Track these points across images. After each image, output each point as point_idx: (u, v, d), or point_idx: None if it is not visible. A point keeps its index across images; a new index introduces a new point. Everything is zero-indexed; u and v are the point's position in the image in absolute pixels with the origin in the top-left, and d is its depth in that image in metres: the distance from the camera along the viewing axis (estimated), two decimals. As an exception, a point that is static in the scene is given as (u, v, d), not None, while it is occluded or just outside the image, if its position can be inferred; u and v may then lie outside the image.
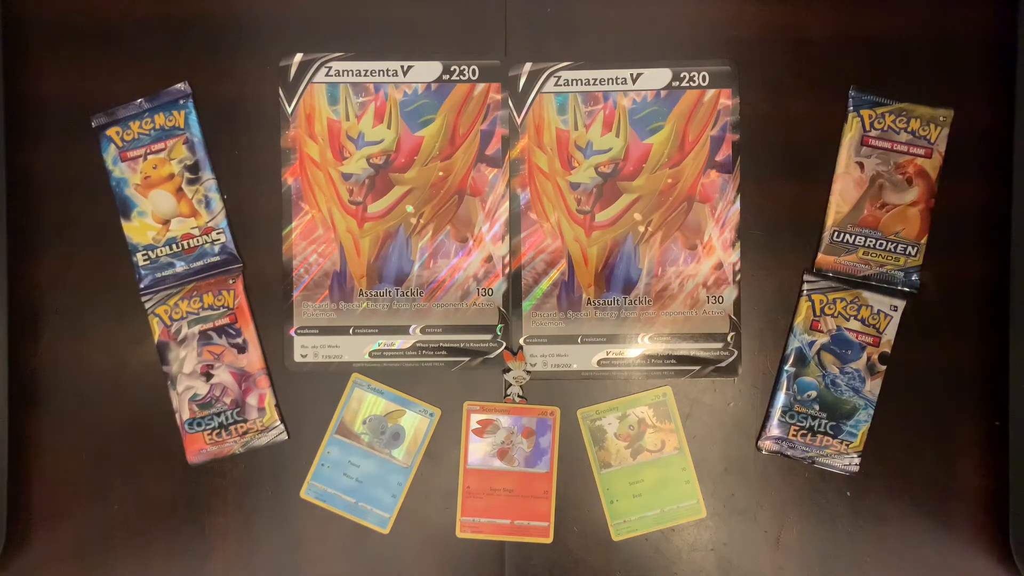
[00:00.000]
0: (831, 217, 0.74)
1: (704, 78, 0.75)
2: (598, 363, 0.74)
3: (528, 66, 0.75)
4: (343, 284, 0.75)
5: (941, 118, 0.73)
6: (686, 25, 0.76)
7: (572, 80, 0.75)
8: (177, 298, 0.74)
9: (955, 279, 0.74)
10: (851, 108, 0.74)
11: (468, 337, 0.75)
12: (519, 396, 0.73)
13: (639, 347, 0.74)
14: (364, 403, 0.74)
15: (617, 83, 0.75)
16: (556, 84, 0.75)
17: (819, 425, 0.73)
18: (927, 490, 0.74)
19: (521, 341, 0.74)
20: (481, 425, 0.74)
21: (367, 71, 0.75)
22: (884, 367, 0.73)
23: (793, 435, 0.73)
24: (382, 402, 0.74)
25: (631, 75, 0.75)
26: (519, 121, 0.75)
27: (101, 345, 0.74)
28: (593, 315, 0.75)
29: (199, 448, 0.73)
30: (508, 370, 0.74)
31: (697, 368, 0.74)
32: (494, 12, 0.75)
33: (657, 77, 0.75)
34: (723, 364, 0.74)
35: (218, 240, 0.74)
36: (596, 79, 0.75)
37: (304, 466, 0.74)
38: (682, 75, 0.75)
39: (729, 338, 0.74)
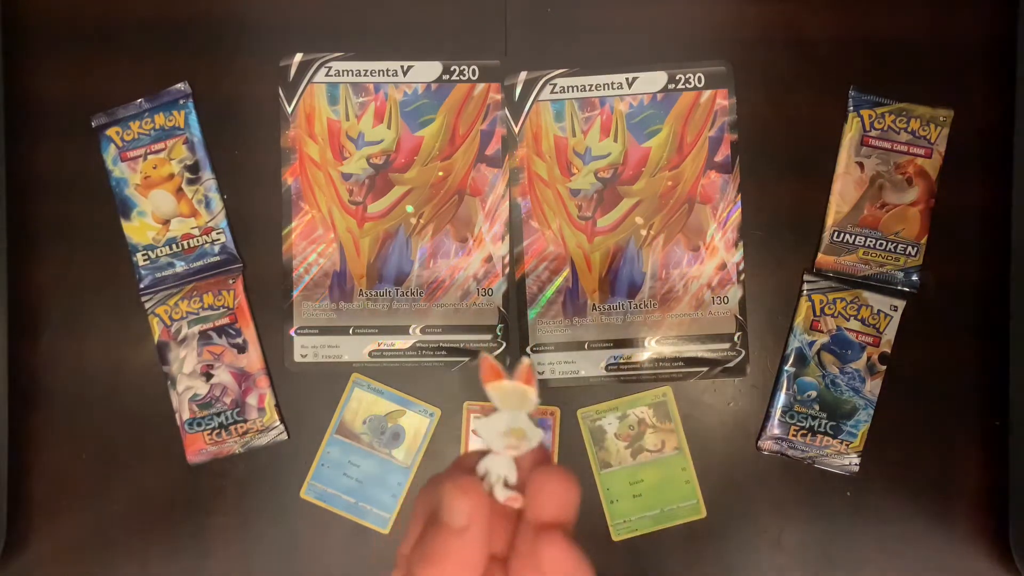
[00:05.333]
0: (831, 217, 0.74)
1: (700, 79, 0.75)
2: (606, 368, 0.74)
3: (524, 75, 0.75)
4: (343, 284, 0.75)
5: (941, 118, 0.74)
6: (683, 27, 0.76)
7: (568, 87, 0.75)
8: (177, 298, 0.74)
9: (955, 279, 0.74)
10: (851, 108, 0.74)
11: (468, 337, 0.74)
12: None
13: (646, 350, 0.74)
14: (364, 403, 0.74)
15: (613, 88, 0.75)
16: (552, 92, 0.75)
17: (819, 425, 0.73)
18: (927, 490, 0.74)
19: (528, 350, 0.74)
20: (481, 425, 0.74)
21: (367, 71, 0.75)
22: (884, 367, 0.73)
23: (793, 435, 0.73)
24: (382, 402, 0.74)
25: (627, 79, 0.75)
26: (516, 130, 0.75)
27: (101, 345, 0.74)
28: (599, 320, 0.74)
29: (199, 448, 0.73)
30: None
31: (705, 369, 0.74)
32: (494, 12, 0.75)
33: (653, 80, 0.75)
34: (731, 364, 0.74)
35: (218, 240, 0.74)
36: (592, 84, 0.75)
37: (304, 466, 0.74)
38: (678, 77, 0.75)
39: (736, 338, 0.74)
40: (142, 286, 0.74)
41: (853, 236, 0.74)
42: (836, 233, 0.74)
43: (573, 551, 0.34)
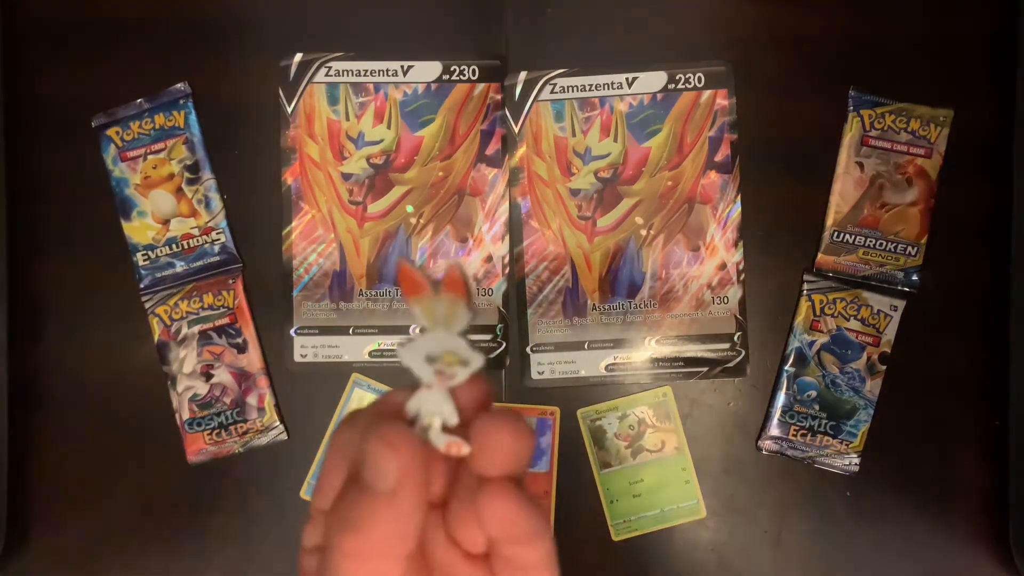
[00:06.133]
0: (831, 217, 0.74)
1: (700, 79, 0.75)
2: (606, 368, 0.74)
3: (523, 75, 0.75)
4: (343, 284, 0.75)
5: (941, 118, 0.74)
6: (683, 27, 0.76)
7: (568, 87, 0.75)
8: (177, 298, 0.74)
9: (955, 279, 0.74)
10: (851, 108, 0.74)
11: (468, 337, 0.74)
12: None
13: (646, 350, 0.74)
14: (364, 403, 0.74)
15: (613, 88, 0.75)
16: (552, 92, 0.75)
17: (819, 425, 0.73)
18: (927, 490, 0.74)
19: (528, 349, 0.74)
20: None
21: (367, 71, 0.75)
22: (884, 367, 0.73)
23: (793, 435, 0.73)
24: (382, 402, 0.74)
25: (627, 79, 0.75)
26: (516, 130, 0.75)
27: (101, 345, 0.74)
28: (599, 320, 0.74)
29: (199, 448, 0.73)
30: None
31: (705, 369, 0.74)
32: (494, 12, 0.75)
33: (653, 80, 0.75)
34: (731, 364, 0.74)
35: (218, 240, 0.74)
36: (592, 84, 0.75)
37: (304, 466, 0.74)
38: (678, 77, 0.75)
39: (736, 338, 0.74)
40: (142, 286, 0.74)
41: (853, 236, 0.74)
42: (836, 233, 0.74)
43: (521, 504, 0.29)
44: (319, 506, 0.33)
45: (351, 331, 0.74)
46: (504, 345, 0.74)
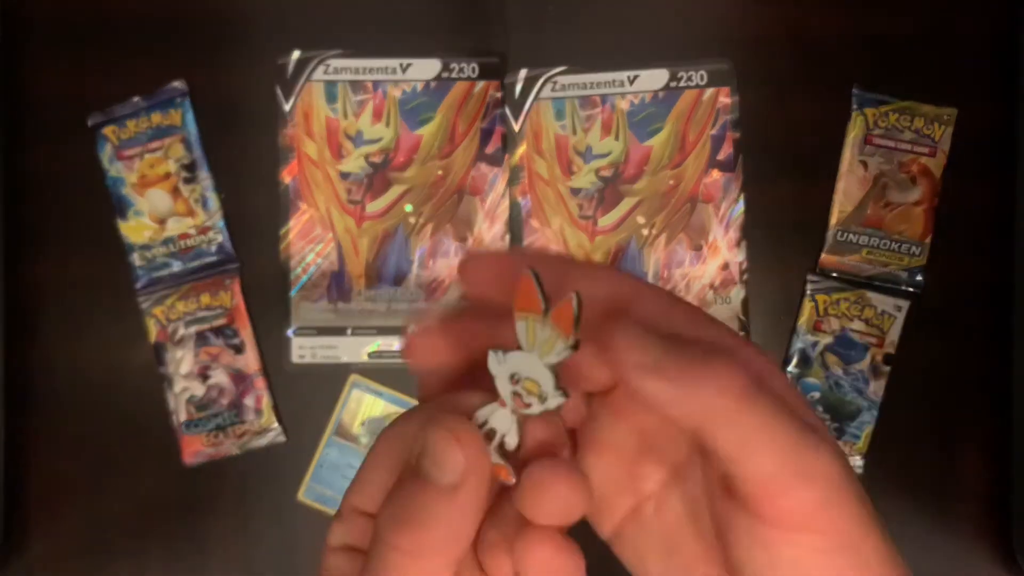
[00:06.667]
0: (834, 216, 0.73)
1: (702, 77, 0.74)
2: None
3: (524, 72, 0.74)
4: (341, 284, 0.74)
5: (945, 116, 0.73)
6: (684, 24, 0.76)
7: (569, 85, 0.74)
8: (174, 298, 0.73)
9: (959, 279, 0.74)
10: (854, 106, 0.73)
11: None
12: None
13: (647, 350, 0.74)
14: (363, 405, 0.73)
15: (614, 86, 0.74)
16: (553, 90, 0.74)
17: (822, 426, 0.72)
18: (931, 491, 0.73)
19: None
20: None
21: (365, 69, 0.74)
22: (888, 368, 0.73)
23: (796, 436, 0.72)
24: (381, 403, 0.73)
25: (628, 77, 0.74)
26: (517, 128, 0.74)
27: (97, 346, 0.73)
28: (599, 319, 0.74)
29: (196, 449, 0.72)
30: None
31: (707, 369, 0.73)
32: (494, 9, 0.75)
33: (654, 78, 0.74)
34: (733, 365, 0.73)
35: (215, 240, 0.73)
36: (593, 83, 0.74)
37: (302, 468, 0.73)
38: (679, 75, 0.74)
39: (737, 338, 0.74)
40: (138, 286, 0.73)
41: (857, 236, 0.73)
42: (840, 232, 0.73)
43: (564, 555, 0.27)
44: (355, 504, 0.31)
45: (349, 332, 0.74)
46: (504, 346, 0.74)
